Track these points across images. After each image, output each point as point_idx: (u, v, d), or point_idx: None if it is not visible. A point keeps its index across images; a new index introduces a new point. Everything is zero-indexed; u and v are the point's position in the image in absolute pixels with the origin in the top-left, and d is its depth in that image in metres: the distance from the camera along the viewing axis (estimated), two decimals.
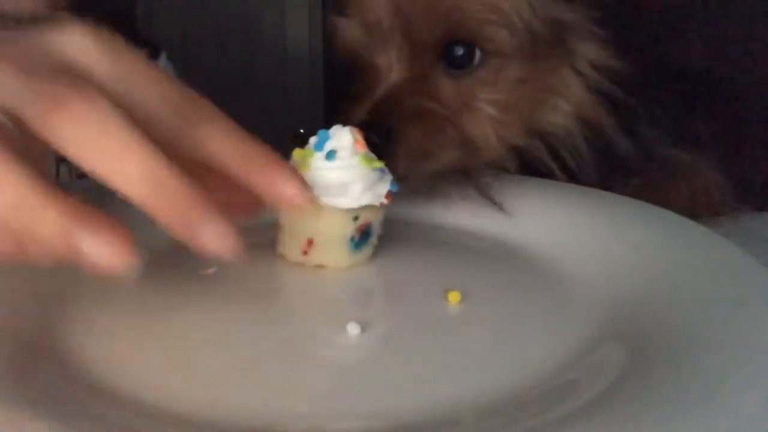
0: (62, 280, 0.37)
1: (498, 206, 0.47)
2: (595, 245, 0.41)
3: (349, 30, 0.50)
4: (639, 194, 0.46)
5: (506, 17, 0.47)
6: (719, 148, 0.51)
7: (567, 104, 0.49)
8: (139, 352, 0.32)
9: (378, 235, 0.41)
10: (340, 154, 0.38)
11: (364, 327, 0.33)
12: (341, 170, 0.38)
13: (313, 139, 0.39)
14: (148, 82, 0.31)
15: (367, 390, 0.29)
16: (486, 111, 0.48)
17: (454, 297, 0.36)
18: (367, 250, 0.41)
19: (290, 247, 0.40)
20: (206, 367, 0.31)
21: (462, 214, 0.47)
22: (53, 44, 0.31)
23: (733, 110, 0.53)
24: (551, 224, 0.44)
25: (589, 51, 0.49)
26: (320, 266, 0.40)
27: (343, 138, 0.39)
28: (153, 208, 0.29)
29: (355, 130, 0.40)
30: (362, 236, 0.40)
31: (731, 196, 0.51)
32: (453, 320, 0.35)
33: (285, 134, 0.51)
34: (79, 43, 0.31)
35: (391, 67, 0.48)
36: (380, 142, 0.43)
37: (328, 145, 0.39)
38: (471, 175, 0.48)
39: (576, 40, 0.49)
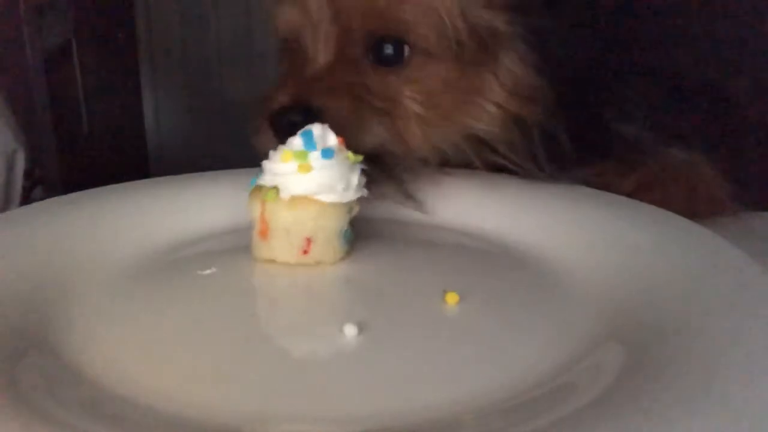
0: (60, 281, 0.38)
1: (417, 205, 0.47)
2: (593, 246, 0.41)
3: (283, 15, 0.51)
4: (637, 191, 0.46)
5: (437, 19, 0.47)
6: (717, 148, 0.51)
7: (492, 106, 0.49)
8: (135, 351, 0.32)
9: None
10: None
11: (361, 328, 0.33)
12: (340, 166, 0.40)
13: (296, 140, 0.40)
14: None
15: (364, 392, 0.29)
16: (411, 107, 0.48)
17: (452, 298, 0.36)
18: (351, 239, 0.42)
19: (286, 250, 0.40)
20: (202, 368, 0.31)
21: (460, 215, 0.47)
22: None
23: (731, 111, 0.53)
24: (550, 225, 0.44)
25: (513, 65, 0.49)
26: (319, 263, 0.40)
27: (329, 136, 0.40)
28: None
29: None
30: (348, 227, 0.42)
31: (730, 194, 0.51)
32: (451, 321, 0.35)
33: None
34: None
35: (318, 51, 0.48)
36: (301, 121, 0.42)
37: (320, 143, 0.40)
38: (394, 169, 0.48)
39: (502, 51, 0.49)
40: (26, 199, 0.74)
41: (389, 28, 0.48)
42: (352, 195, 0.40)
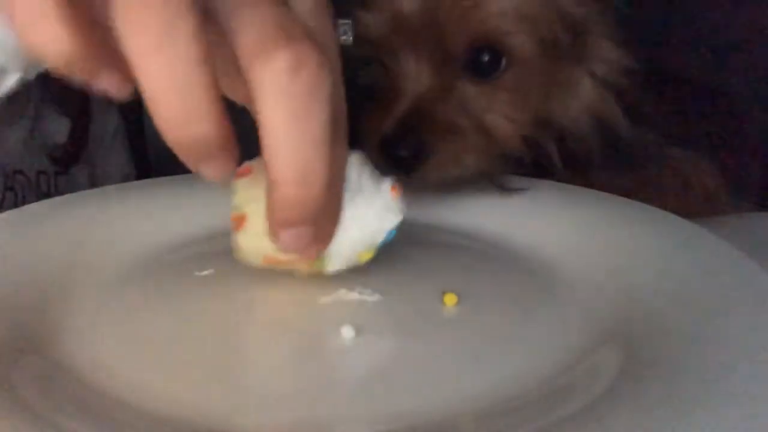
0: (58, 281, 0.37)
1: (512, 192, 0.47)
2: (592, 247, 0.41)
3: (373, 25, 0.49)
4: (634, 189, 0.46)
5: (535, 24, 0.47)
6: (717, 148, 0.51)
7: (578, 101, 0.50)
8: (131, 352, 0.32)
9: None
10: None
11: (358, 330, 0.33)
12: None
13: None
14: None
15: (361, 394, 0.29)
16: (508, 114, 0.48)
17: (450, 299, 0.36)
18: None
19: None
20: (198, 369, 0.31)
21: (459, 215, 0.47)
22: None
23: (731, 110, 0.53)
24: (548, 226, 0.44)
25: (604, 50, 0.49)
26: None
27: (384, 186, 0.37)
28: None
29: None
30: None
31: (729, 193, 0.51)
32: (449, 323, 0.35)
33: None
34: None
35: (419, 73, 0.48)
36: (410, 157, 0.44)
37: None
38: (491, 176, 0.49)
39: (592, 39, 0.49)
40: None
41: (487, 38, 0.47)
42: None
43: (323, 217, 0.30)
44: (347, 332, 0.32)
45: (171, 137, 0.26)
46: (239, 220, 0.35)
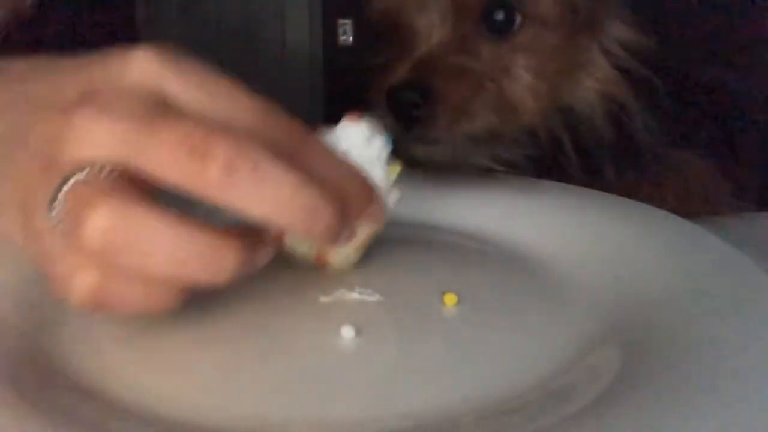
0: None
1: (518, 173, 0.47)
2: (592, 247, 0.41)
3: None
4: (633, 188, 0.46)
5: None
6: (717, 147, 0.51)
7: (592, 80, 0.50)
8: (131, 351, 0.32)
9: None
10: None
11: (359, 330, 0.33)
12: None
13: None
14: (242, 105, 0.29)
15: (361, 394, 0.29)
16: (523, 76, 0.48)
17: (450, 299, 0.36)
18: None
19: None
20: (199, 369, 0.31)
21: (459, 215, 0.47)
22: (123, 76, 0.28)
23: (731, 110, 0.53)
24: (548, 226, 0.44)
25: (619, 29, 0.49)
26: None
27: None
28: (306, 234, 0.29)
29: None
30: None
31: (728, 192, 0.50)
32: (449, 323, 0.35)
33: None
34: (152, 71, 0.29)
35: (432, 28, 0.48)
36: (420, 102, 0.43)
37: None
38: (504, 141, 0.48)
39: (609, 17, 0.49)
40: None
41: None
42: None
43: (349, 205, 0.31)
44: (347, 332, 0.32)
45: (313, 233, 0.29)
46: None
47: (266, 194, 0.27)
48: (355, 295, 0.36)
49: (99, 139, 0.26)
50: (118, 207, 0.26)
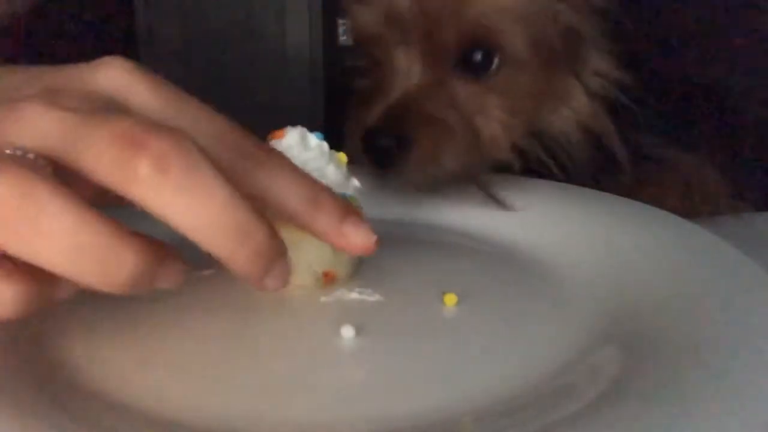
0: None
1: (504, 204, 0.46)
2: (592, 247, 0.41)
3: (367, 20, 0.49)
4: (631, 192, 0.46)
5: (529, 26, 0.46)
6: (716, 147, 0.51)
7: (569, 111, 0.49)
8: (130, 352, 0.32)
9: None
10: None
11: (359, 330, 0.33)
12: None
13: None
14: (204, 119, 0.29)
15: (361, 394, 0.29)
16: (498, 117, 0.48)
17: (450, 299, 0.36)
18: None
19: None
20: (198, 370, 0.31)
21: (459, 215, 0.47)
22: (87, 80, 0.28)
23: (730, 109, 0.53)
24: (548, 225, 0.44)
25: (597, 61, 0.49)
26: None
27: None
28: (228, 259, 0.27)
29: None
30: None
31: (728, 192, 0.50)
32: (449, 323, 0.35)
33: None
34: (118, 79, 0.28)
35: (410, 68, 0.47)
36: (391, 148, 0.43)
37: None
38: (477, 178, 0.48)
39: (586, 50, 0.49)
40: None
41: (480, 35, 0.47)
42: None
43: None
44: (347, 332, 0.32)
45: (237, 259, 0.27)
46: None
47: (194, 203, 0.25)
48: (354, 295, 0.36)
49: (40, 128, 0.26)
50: (22, 179, 0.24)
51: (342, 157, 0.39)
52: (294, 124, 0.39)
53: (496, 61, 0.47)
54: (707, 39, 0.53)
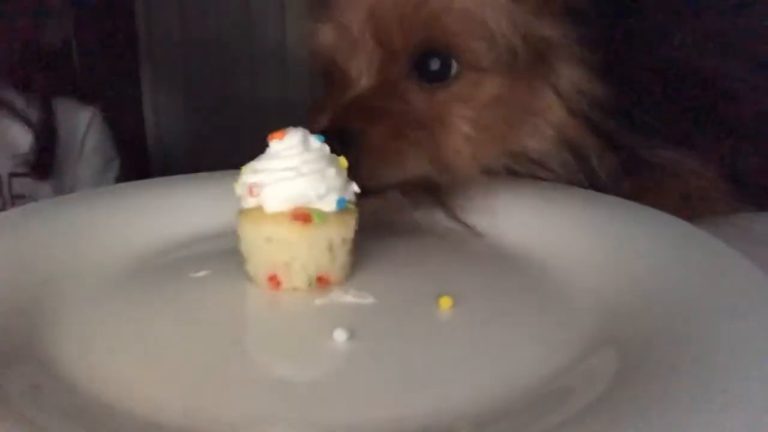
0: (52, 282, 0.37)
1: (470, 229, 0.45)
2: (591, 248, 0.41)
3: (323, 34, 0.49)
4: (634, 194, 0.45)
5: (486, 30, 0.45)
6: (714, 147, 0.50)
7: (548, 127, 0.47)
8: (124, 355, 0.32)
9: None
10: None
11: (352, 333, 0.32)
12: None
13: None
14: None
15: (356, 398, 0.29)
16: (460, 127, 0.46)
17: (445, 302, 0.35)
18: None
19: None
20: (191, 373, 0.31)
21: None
22: None
23: (728, 109, 0.53)
24: (545, 228, 0.44)
25: (572, 73, 0.47)
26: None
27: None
28: None
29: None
30: None
31: (727, 194, 0.50)
32: (444, 326, 0.35)
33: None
34: None
35: (360, 73, 0.46)
36: (339, 148, 0.40)
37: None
38: (440, 194, 0.46)
39: (559, 60, 0.46)
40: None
41: (434, 41, 0.45)
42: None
43: None
44: (339, 335, 0.32)
45: None
46: None
47: None
48: (349, 298, 0.36)
49: None
50: None
51: (342, 161, 0.39)
52: (294, 124, 0.39)
53: (454, 68, 0.46)
54: (699, 21, 0.52)
